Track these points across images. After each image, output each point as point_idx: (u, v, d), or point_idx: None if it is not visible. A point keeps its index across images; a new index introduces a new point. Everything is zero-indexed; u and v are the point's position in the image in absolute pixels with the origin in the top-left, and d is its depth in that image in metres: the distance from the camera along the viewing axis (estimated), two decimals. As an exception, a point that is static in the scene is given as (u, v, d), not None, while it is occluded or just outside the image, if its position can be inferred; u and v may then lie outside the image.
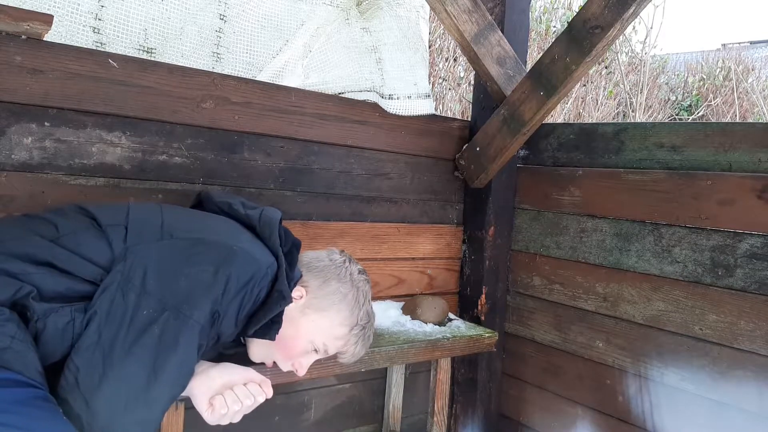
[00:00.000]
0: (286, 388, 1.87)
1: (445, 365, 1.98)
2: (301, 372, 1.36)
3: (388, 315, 1.95)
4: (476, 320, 2.18)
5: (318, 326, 1.35)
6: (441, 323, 1.96)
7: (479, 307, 2.19)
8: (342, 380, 2.02)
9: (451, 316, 2.09)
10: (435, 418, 2.00)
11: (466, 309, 2.25)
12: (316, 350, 1.36)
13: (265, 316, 1.24)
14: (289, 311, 1.32)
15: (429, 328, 1.89)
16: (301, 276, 1.37)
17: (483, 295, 2.18)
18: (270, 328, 1.27)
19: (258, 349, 1.36)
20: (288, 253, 1.34)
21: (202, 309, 1.12)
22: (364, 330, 1.41)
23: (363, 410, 2.09)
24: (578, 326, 1.98)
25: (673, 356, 1.72)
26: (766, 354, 1.54)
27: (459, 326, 1.97)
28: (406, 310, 1.98)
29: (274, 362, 1.37)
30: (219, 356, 1.36)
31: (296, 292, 1.35)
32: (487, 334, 1.96)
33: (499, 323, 2.22)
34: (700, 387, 1.66)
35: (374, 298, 2.03)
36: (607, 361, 1.90)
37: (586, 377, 1.96)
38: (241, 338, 1.37)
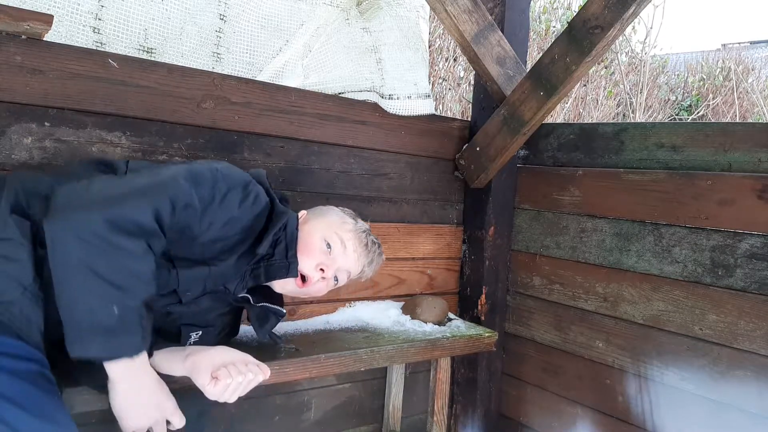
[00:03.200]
0: (286, 387, 1.87)
1: (444, 365, 1.98)
2: (329, 272, 1.42)
3: (388, 315, 1.95)
4: (476, 320, 2.18)
5: (323, 224, 1.47)
6: (441, 323, 1.96)
7: (479, 307, 2.19)
8: (342, 380, 2.02)
9: (451, 315, 2.09)
10: (435, 418, 2.00)
11: (466, 309, 2.25)
12: (329, 245, 1.43)
13: (274, 227, 1.31)
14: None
15: (429, 327, 1.90)
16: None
17: (483, 295, 2.18)
18: (289, 268, 1.36)
19: (283, 285, 1.43)
20: (281, 198, 1.43)
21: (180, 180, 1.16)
22: (369, 233, 1.54)
23: (363, 410, 2.09)
24: (578, 326, 1.98)
25: (673, 356, 1.73)
26: (766, 354, 1.54)
27: (459, 326, 1.97)
28: (406, 310, 1.98)
29: (302, 280, 1.41)
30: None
31: (300, 213, 1.48)
32: (486, 334, 1.96)
33: (499, 323, 2.22)
34: (700, 387, 1.66)
35: (374, 298, 2.03)
36: (607, 361, 1.90)
37: (586, 377, 1.96)
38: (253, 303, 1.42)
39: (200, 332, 1.36)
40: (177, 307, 1.28)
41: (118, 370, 1.06)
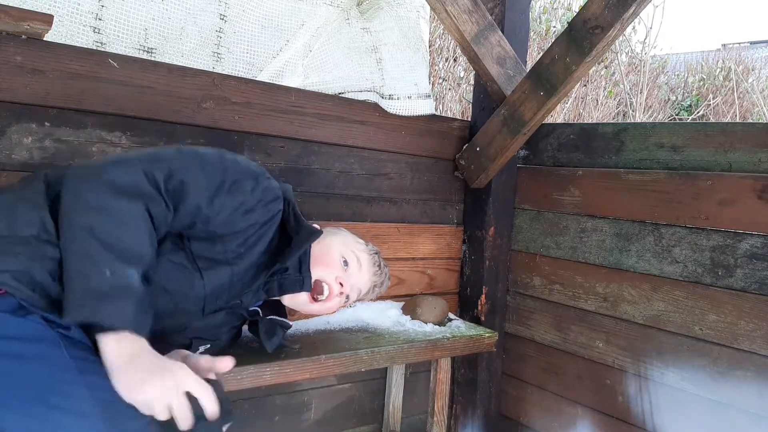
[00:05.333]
0: (286, 388, 1.87)
1: (445, 365, 1.98)
2: (347, 287, 1.46)
3: (388, 315, 1.95)
4: (476, 320, 2.18)
5: (339, 241, 1.50)
6: (441, 323, 1.96)
7: (479, 307, 2.19)
8: (342, 380, 2.02)
9: (451, 316, 2.09)
10: (435, 418, 2.00)
11: (466, 309, 2.25)
12: (346, 263, 1.47)
13: (302, 244, 1.33)
14: (312, 246, 1.45)
15: (429, 328, 1.90)
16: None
17: (483, 295, 2.18)
18: (303, 283, 1.39)
19: (294, 299, 1.44)
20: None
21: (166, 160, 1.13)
22: (380, 255, 1.58)
23: (363, 410, 2.09)
24: (578, 326, 1.98)
25: (673, 356, 1.73)
26: (766, 354, 1.54)
27: (459, 326, 1.97)
28: (406, 310, 1.98)
29: (316, 295, 1.43)
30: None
31: None
32: (487, 334, 1.96)
33: (499, 323, 2.22)
34: (700, 387, 1.67)
35: (374, 299, 2.03)
36: (607, 361, 1.90)
37: (586, 377, 1.96)
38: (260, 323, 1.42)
39: (209, 345, 1.37)
40: (196, 322, 1.28)
41: (109, 344, 0.97)
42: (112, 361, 0.97)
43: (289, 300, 1.44)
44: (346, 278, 1.46)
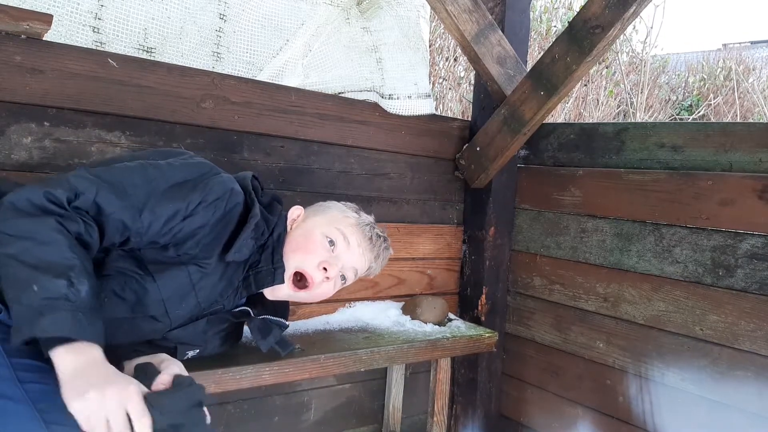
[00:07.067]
0: (286, 388, 1.87)
1: (444, 365, 1.98)
2: (333, 270, 1.33)
3: (388, 315, 1.95)
4: (476, 320, 2.17)
5: (323, 220, 1.39)
6: (441, 323, 1.96)
7: (479, 308, 2.18)
8: (342, 380, 2.02)
9: (451, 316, 2.09)
10: (435, 419, 2.00)
11: (466, 309, 2.24)
12: (332, 242, 1.35)
13: (244, 232, 1.22)
14: (293, 230, 1.38)
15: (429, 328, 1.89)
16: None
17: (483, 296, 2.18)
18: (274, 274, 1.29)
19: (275, 292, 1.35)
20: (268, 205, 1.34)
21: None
22: (374, 226, 1.45)
23: (363, 410, 2.09)
24: (579, 326, 1.98)
25: (674, 357, 1.72)
26: (767, 354, 1.54)
27: (459, 326, 1.97)
28: (406, 310, 1.98)
29: (299, 282, 1.33)
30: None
31: (294, 212, 1.41)
32: (487, 334, 1.95)
33: (500, 323, 2.21)
34: (700, 387, 1.66)
35: (374, 298, 2.03)
36: (607, 362, 1.90)
37: (587, 378, 1.96)
38: (252, 313, 1.35)
39: (197, 350, 1.33)
40: (172, 333, 1.24)
41: (57, 357, 0.94)
42: (60, 372, 0.94)
43: (271, 293, 1.34)
44: (334, 261, 1.34)
